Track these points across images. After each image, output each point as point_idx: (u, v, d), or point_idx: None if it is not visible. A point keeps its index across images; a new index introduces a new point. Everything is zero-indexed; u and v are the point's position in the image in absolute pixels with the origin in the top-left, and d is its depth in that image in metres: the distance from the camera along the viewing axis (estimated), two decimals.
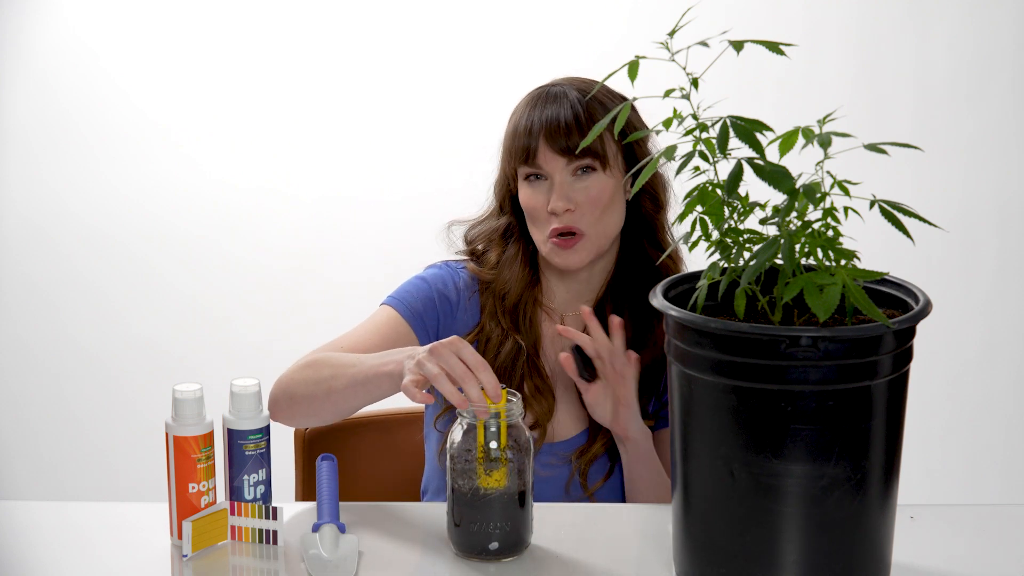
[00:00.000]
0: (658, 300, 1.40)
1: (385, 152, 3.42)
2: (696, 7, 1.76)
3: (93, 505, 1.77)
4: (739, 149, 1.34)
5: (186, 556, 1.57)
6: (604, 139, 1.87)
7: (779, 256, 1.32)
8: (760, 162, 1.32)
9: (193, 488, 1.60)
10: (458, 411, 1.56)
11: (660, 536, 1.64)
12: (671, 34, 1.41)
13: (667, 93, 1.42)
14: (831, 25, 3.35)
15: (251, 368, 2.40)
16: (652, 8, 3.24)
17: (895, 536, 1.43)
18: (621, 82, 1.48)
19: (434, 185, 3.36)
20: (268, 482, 1.65)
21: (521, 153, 1.89)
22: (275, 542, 1.61)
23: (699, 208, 1.39)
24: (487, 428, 1.54)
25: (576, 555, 1.59)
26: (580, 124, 1.86)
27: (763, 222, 1.39)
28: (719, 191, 1.38)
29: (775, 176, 1.31)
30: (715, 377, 1.33)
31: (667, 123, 1.41)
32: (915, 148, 1.37)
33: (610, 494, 1.93)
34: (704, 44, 1.41)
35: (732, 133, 1.33)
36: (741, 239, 1.38)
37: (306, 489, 2.11)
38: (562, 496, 1.92)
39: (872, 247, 1.62)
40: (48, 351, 3.50)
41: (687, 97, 1.39)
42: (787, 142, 1.34)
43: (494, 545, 1.55)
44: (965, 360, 3.46)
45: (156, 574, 1.57)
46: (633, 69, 1.40)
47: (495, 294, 1.96)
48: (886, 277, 1.41)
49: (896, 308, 1.42)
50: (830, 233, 1.35)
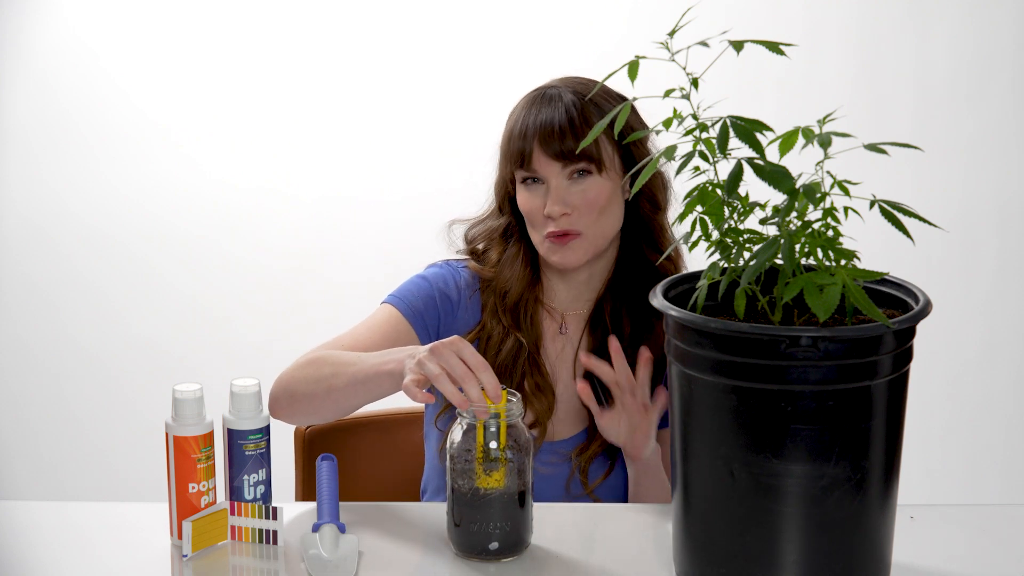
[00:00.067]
0: (658, 300, 1.40)
1: (385, 152, 3.42)
2: (696, 7, 1.76)
3: (93, 505, 1.77)
4: (739, 149, 1.34)
5: (186, 556, 1.57)
6: (600, 142, 1.85)
7: (779, 256, 1.32)
8: (760, 162, 1.32)
9: (193, 488, 1.60)
10: (458, 411, 1.56)
11: (660, 536, 1.64)
12: (671, 34, 1.41)
13: (667, 93, 1.42)
14: (831, 25, 3.35)
15: (251, 368, 2.40)
16: (652, 8, 3.24)
17: (895, 536, 1.43)
18: (621, 82, 1.48)
19: (434, 185, 3.36)
20: (268, 482, 1.65)
21: (516, 157, 1.89)
22: (275, 542, 1.61)
23: (699, 208, 1.39)
24: (487, 428, 1.54)
25: (576, 555, 1.59)
26: (574, 127, 1.84)
27: (763, 222, 1.39)
28: (719, 191, 1.38)
29: (775, 176, 1.31)
30: (715, 377, 1.33)
31: (667, 123, 1.41)
32: (915, 148, 1.37)
33: (610, 490, 1.93)
34: (704, 44, 1.41)
35: (732, 133, 1.33)
36: (741, 239, 1.38)
37: (306, 489, 2.11)
38: (562, 493, 1.92)
39: (872, 247, 1.62)
40: (48, 351, 3.50)
41: (687, 97, 1.39)
42: (787, 142, 1.34)
43: (494, 545, 1.55)
44: (965, 360, 3.45)
45: (156, 574, 1.57)
46: (633, 69, 1.40)
47: (496, 292, 1.96)
48: (886, 277, 1.41)
49: (896, 308, 1.42)
50: (830, 233, 1.35)
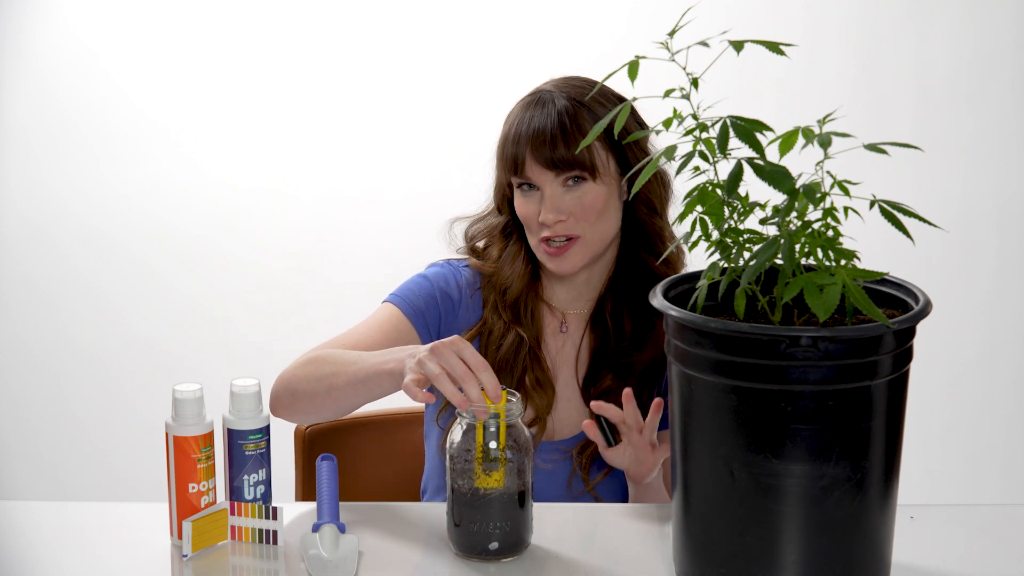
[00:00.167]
0: (658, 300, 1.40)
1: (385, 152, 3.42)
2: (696, 7, 1.76)
3: (93, 505, 1.77)
4: (739, 149, 1.34)
5: (186, 556, 1.57)
6: (593, 148, 1.84)
7: (779, 256, 1.32)
8: (760, 162, 1.32)
9: (193, 488, 1.60)
10: (458, 411, 1.56)
11: (660, 536, 1.64)
12: (671, 34, 1.41)
13: (667, 93, 1.42)
14: (831, 25, 3.35)
15: (251, 368, 2.40)
16: (652, 8, 3.24)
17: (895, 536, 1.43)
18: (621, 82, 1.48)
19: (434, 185, 3.36)
20: (268, 482, 1.65)
21: (510, 164, 1.88)
22: (275, 542, 1.61)
23: (699, 208, 1.39)
24: (486, 428, 1.53)
25: (576, 555, 1.59)
26: (566, 134, 1.83)
27: (763, 222, 1.39)
28: (719, 191, 1.38)
29: (775, 176, 1.31)
30: (715, 377, 1.33)
31: (667, 123, 1.41)
32: (915, 148, 1.37)
33: (611, 488, 1.93)
34: (704, 44, 1.41)
35: (732, 133, 1.33)
36: (741, 239, 1.38)
37: (306, 489, 2.11)
38: (563, 490, 1.92)
39: (872, 247, 1.62)
40: (48, 351, 3.50)
41: (687, 97, 1.39)
42: (787, 142, 1.34)
43: (494, 545, 1.55)
44: (965, 360, 3.45)
45: (156, 574, 1.57)
46: (633, 69, 1.40)
47: (496, 288, 1.96)
48: (886, 277, 1.41)
49: (896, 308, 1.42)
50: (830, 233, 1.35)
